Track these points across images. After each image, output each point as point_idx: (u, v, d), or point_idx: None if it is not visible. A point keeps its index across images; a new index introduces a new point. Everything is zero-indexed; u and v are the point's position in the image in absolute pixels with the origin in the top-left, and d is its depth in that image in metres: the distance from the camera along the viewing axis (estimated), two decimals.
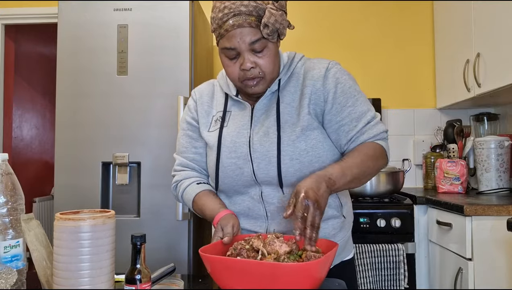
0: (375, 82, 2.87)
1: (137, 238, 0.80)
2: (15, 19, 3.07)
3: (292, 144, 1.08)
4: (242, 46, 1.03)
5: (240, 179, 1.12)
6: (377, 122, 1.13)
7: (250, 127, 1.13)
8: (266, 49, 1.06)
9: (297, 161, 1.07)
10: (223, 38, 1.05)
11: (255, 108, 1.14)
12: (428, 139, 2.78)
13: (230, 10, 1.02)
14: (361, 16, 2.91)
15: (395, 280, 2.01)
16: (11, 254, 0.92)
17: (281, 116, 1.11)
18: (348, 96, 1.12)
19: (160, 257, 2.00)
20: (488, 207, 1.71)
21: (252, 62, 1.05)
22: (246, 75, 1.06)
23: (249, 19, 1.02)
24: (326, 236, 1.12)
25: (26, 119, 4.13)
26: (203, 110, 1.22)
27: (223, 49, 1.06)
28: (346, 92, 1.12)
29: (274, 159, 1.08)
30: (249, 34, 1.02)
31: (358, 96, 1.13)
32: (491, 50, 2.03)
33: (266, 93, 1.12)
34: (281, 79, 1.14)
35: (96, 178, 2.09)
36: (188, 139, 1.23)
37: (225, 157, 1.13)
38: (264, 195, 1.13)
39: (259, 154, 1.10)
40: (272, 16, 1.01)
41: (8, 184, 0.94)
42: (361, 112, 1.11)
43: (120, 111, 2.10)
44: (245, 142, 1.11)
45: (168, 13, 2.11)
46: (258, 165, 1.10)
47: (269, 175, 1.09)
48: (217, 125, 1.18)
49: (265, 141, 1.10)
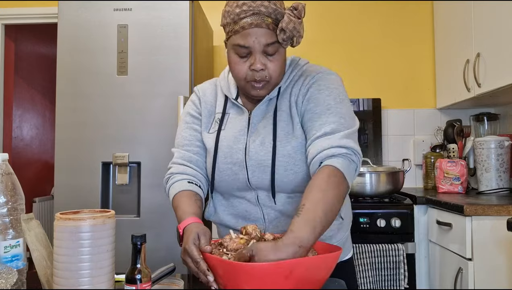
0: (375, 82, 2.87)
1: (137, 238, 0.80)
2: (15, 19, 3.07)
3: (288, 155, 1.07)
4: (256, 46, 1.02)
5: (235, 183, 1.12)
6: (339, 136, 1.00)
7: (247, 133, 1.12)
8: (277, 54, 1.05)
9: (291, 172, 1.07)
10: (237, 34, 1.03)
11: (252, 114, 1.12)
12: (428, 139, 2.78)
13: (249, 8, 1.00)
14: (361, 16, 2.91)
15: (395, 280, 2.01)
16: (11, 254, 0.92)
17: (278, 124, 1.10)
18: (319, 103, 1.06)
19: (160, 257, 2.00)
20: (488, 207, 1.71)
21: (263, 64, 1.03)
22: (254, 76, 1.04)
23: (267, 20, 1.01)
24: (322, 238, 1.11)
25: (26, 119, 4.13)
26: (207, 110, 1.20)
27: (235, 45, 1.04)
28: (319, 99, 1.06)
29: (268, 169, 1.07)
30: (265, 35, 1.01)
31: (333, 106, 1.05)
32: (491, 50, 2.03)
33: (264, 99, 1.11)
34: (281, 87, 1.12)
35: (96, 178, 2.09)
36: (192, 132, 1.19)
37: (221, 161, 1.12)
38: (260, 198, 1.13)
39: (254, 162, 1.09)
40: (291, 23, 1.00)
41: (8, 184, 0.94)
42: (323, 122, 1.03)
43: (120, 111, 2.10)
44: (241, 149, 1.11)
45: (168, 13, 2.11)
46: (253, 172, 1.09)
47: (263, 183, 1.09)
48: (215, 127, 1.16)
49: (261, 150, 1.09)
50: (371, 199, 2.22)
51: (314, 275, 0.82)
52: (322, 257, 0.86)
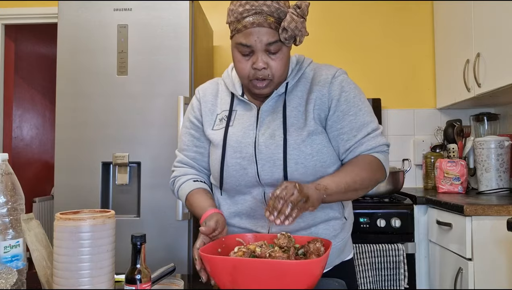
0: (375, 82, 2.87)
1: (137, 238, 0.80)
2: (15, 19, 3.07)
3: (298, 148, 1.08)
4: (258, 45, 1.03)
5: (243, 179, 1.12)
6: (377, 134, 1.12)
7: (256, 128, 1.12)
8: (280, 52, 1.06)
9: (302, 165, 1.07)
10: (239, 33, 1.04)
11: (261, 109, 1.13)
12: (428, 139, 2.78)
13: (252, 7, 1.01)
14: (361, 16, 2.91)
15: (395, 280, 2.01)
16: (11, 254, 0.92)
17: (288, 119, 1.11)
18: (351, 105, 1.12)
19: (160, 257, 2.00)
20: (488, 207, 1.71)
21: (265, 62, 1.05)
22: (256, 74, 1.06)
23: (270, 19, 1.02)
24: (326, 237, 1.12)
25: (26, 119, 4.12)
26: (207, 109, 1.21)
27: (238, 44, 1.05)
28: (350, 101, 1.12)
29: (279, 162, 1.08)
30: (267, 34, 1.02)
31: (362, 106, 1.13)
32: (491, 50, 2.03)
33: (273, 95, 1.12)
34: (289, 83, 1.14)
35: (96, 178, 2.09)
36: (190, 138, 1.24)
37: (229, 156, 1.13)
38: (267, 196, 1.12)
39: (264, 155, 1.09)
40: (293, 22, 1.01)
41: (8, 184, 0.94)
42: (362, 123, 1.11)
43: (120, 111, 2.10)
44: (251, 143, 1.11)
45: (168, 13, 2.11)
46: (263, 166, 1.09)
47: (273, 178, 1.09)
48: (222, 124, 1.17)
49: (271, 144, 1.09)
50: (371, 199, 2.22)
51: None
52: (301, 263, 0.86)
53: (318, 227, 1.13)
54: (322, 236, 1.12)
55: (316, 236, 1.09)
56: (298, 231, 1.12)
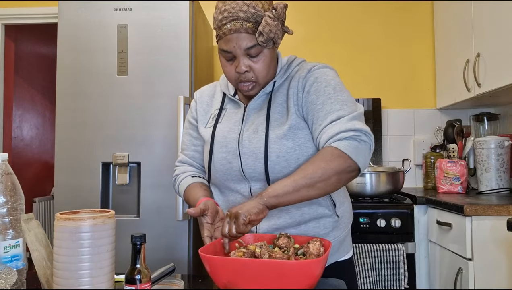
0: (375, 82, 2.87)
1: (137, 238, 0.80)
2: (15, 19, 3.07)
3: (279, 142, 1.09)
4: (237, 50, 1.07)
5: (229, 173, 1.15)
6: (344, 121, 1.03)
7: (242, 124, 1.16)
8: (262, 54, 1.09)
9: (283, 159, 1.09)
10: (221, 40, 1.09)
11: (247, 106, 1.17)
12: (428, 139, 2.78)
13: (229, 14, 1.05)
14: (361, 16, 2.91)
15: (395, 280, 2.01)
16: (11, 254, 0.92)
17: (272, 115, 1.14)
18: (320, 95, 1.09)
19: (160, 257, 2.00)
20: (488, 207, 1.71)
21: (247, 66, 1.08)
22: (240, 77, 1.10)
23: (246, 25, 1.04)
24: (317, 235, 1.13)
25: (26, 119, 4.12)
26: (202, 109, 1.27)
27: (220, 50, 1.10)
28: (320, 90, 1.09)
29: (261, 156, 1.10)
30: (245, 39, 1.05)
31: (332, 95, 1.08)
32: (491, 50, 2.03)
33: (260, 93, 1.15)
34: (276, 81, 1.16)
35: (96, 178, 2.09)
36: (189, 137, 1.30)
37: (216, 151, 1.17)
38: (253, 191, 1.14)
39: (247, 149, 1.12)
40: (267, 26, 1.03)
41: (8, 184, 0.94)
42: (328, 111, 1.06)
43: (120, 111, 2.10)
44: (235, 138, 1.15)
45: (168, 13, 2.11)
46: (246, 160, 1.12)
47: (256, 171, 1.11)
48: (213, 122, 1.22)
49: (254, 138, 1.12)
50: (371, 199, 2.22)
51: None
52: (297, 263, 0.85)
53: (308, 224, 1.14)
54: (312, 233, 1.13)
55: (306, 235, 1.11)
56: (287, 228, 1.13)
